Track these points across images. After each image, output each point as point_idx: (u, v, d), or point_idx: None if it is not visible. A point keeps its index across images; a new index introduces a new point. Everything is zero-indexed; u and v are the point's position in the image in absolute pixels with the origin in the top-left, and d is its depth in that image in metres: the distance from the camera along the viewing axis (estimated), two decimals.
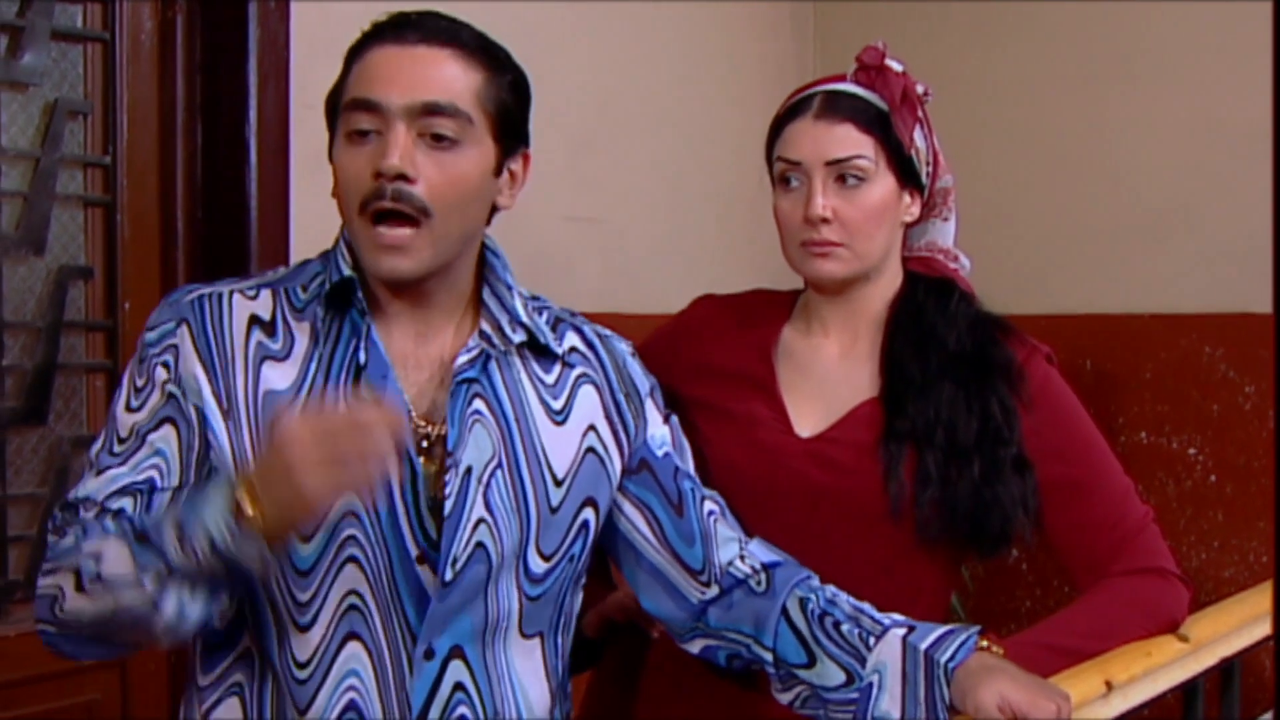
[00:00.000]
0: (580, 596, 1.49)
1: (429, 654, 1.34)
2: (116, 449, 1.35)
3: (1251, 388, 2.63)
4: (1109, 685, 1.44)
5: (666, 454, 1.50)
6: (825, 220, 1.59)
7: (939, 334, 1.63)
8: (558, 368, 1.45)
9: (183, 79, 2.20)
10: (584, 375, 1.47)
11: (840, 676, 1.41)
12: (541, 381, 1.44)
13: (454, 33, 1.35)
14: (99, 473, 1.34)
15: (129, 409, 1.36)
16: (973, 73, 2.92)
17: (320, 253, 1.44)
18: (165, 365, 1.35)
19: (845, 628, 1.42)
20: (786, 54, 3.18)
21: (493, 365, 1.40)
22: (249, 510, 1.19)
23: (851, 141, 1.60)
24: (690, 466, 1.53)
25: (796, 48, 3.20)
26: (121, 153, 2.16)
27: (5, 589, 2.05)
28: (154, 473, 1.34)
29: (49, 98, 2.09)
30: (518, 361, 1.42)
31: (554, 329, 1.47)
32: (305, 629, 1.32)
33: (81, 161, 2.14)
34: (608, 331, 1.54)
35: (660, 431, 1.52)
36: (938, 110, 1.67)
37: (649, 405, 1.52)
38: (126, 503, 1.32)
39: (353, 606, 1.32)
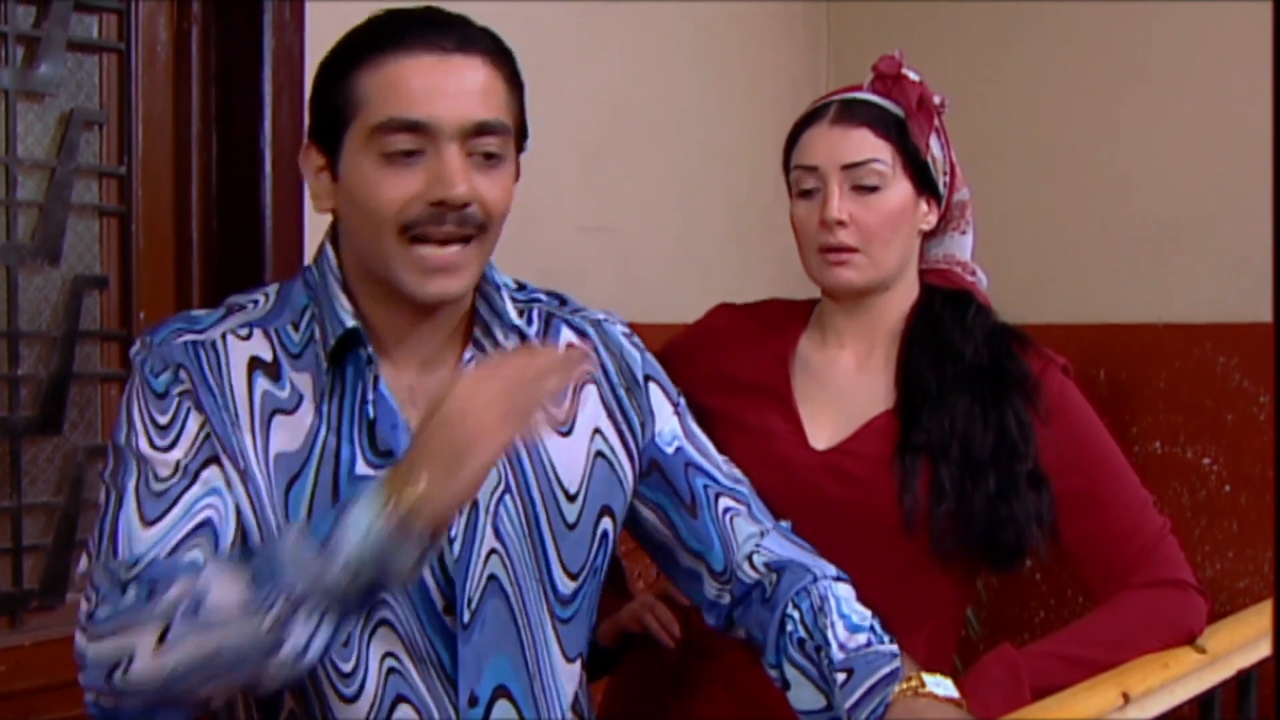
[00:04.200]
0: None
1: (473, 701, 1.28)
2: (160, 486, 1.22)
3: (1266, 397, 2.62)
4: (1126, 697, 1.44)
5: (678, 449, 1.44)
6: (841, 224, 1.59)
7: (955, 346, 1.63)
8: None
9: (198, 89, 2.20)
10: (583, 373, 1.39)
11: (818, 701, 1.37)
12: None
13: (479, 36, 1.26)
14: (148, 524, 1.20)
15: (157, 447, 1.23)
16: (985, 80, 2.92)
17: (299, 278, 1.34)
18: (194, 404, 1.24)
19: (822, 653, 1.37)
20: (800, 63, 3.18)
21: None
22: (405, 494, 1.09)
23: (868, 146, 1.60)
24: (707, 458, 1.46)
25: (810, 57, 3.21)
26: (137, 163, 2.17)
27: (21, 598, 2.05)
28: (212, 513, 1.22)
29: (65, 108, 2.10)
30: None
31: (547, 327, 1.40)
32: (351, 700, 1.26)
33: (97, 171, 2.14)
34: (601, 315, 1.46)
35: (670, 425, 1.44)
36: (950, 116, 1.67)
37: (654, 394, 1.44)
38: (196, 554, 1.20)
39: (392, 669, 1.26)
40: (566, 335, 1.41)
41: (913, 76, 1.64)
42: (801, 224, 1.64)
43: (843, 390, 1.66)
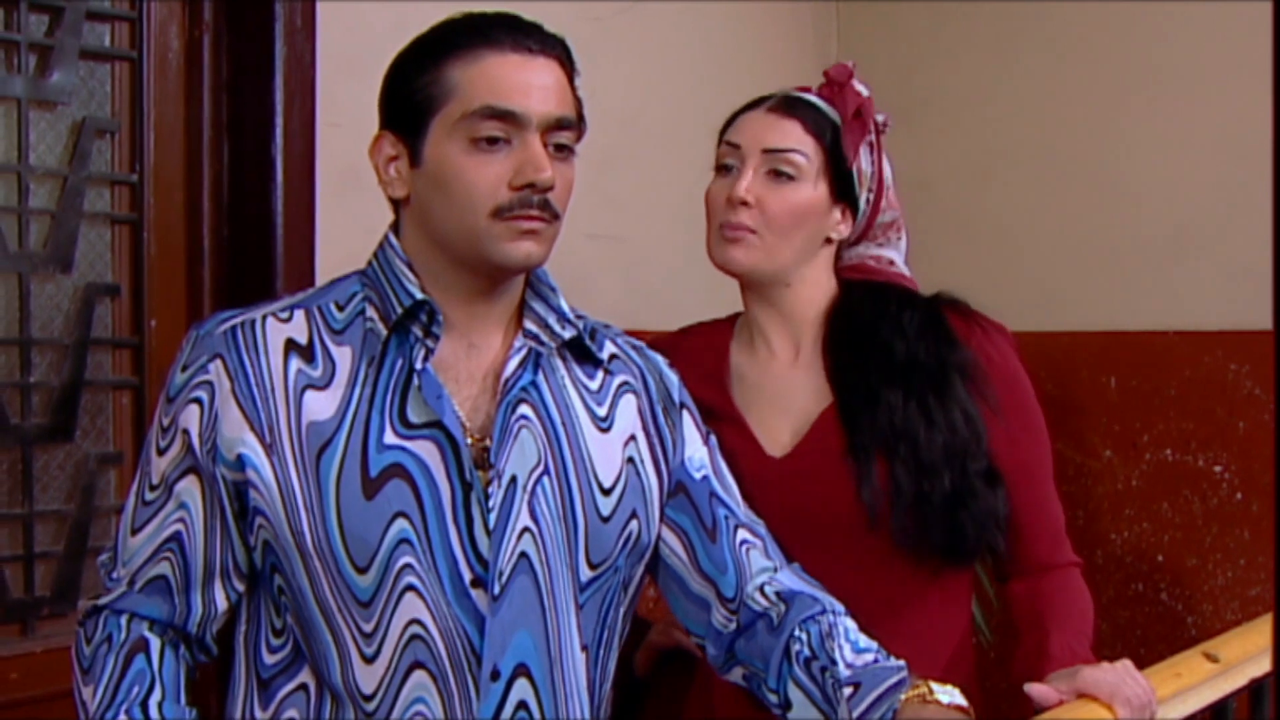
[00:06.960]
0: (628, 619, 1.46)
1: (495, 675, 1.31)
2: (149, 496, 1.35)
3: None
4: None
5: (704, 477, 1.48)
6: (745, 204, 1.61)
7: (880, 340, 1.63)
8: (600, 374, 1.44)
9: (209, 97, 2.21)
10: (625, 384, 1.46)
11: None
12: (586, 387, 1.42)
13: (555, 41, 1.37)
14: (134, 530, 1.36)
15: (159, 451, 1.35)
16: (994, 82, 2.91)
17: (358, 271, 1.41)
18: (198, 403, 1.32)
19: (828, 674, 1.38)
20: (810, 70, 3.17)
21: (539, 370, 1.39)
22: None
23: (794, 136, 1.63)
24: (729, 492, 1.51)
25: (820, 64, 3.18)
26: (148, 171, 2.18)
27: (32, 605, 2.06)
28: (180, 526, 1.34)
29: (77, 116, 2.11)
30: (561, 366, 1.41)
31: (592, 338, 1.45)
32: (370, 660, 1.30)
33: (109, 179, 2.15)
34: (641, 343, 1.53)
35: (699, 453, 1.50)
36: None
37: (686, 421, 1.50)
38: (164, 567, 1.35)
39: (415, 636, 1.30)
40: (610, 348, 1.47)
41: (861, 89, 1.66)
42: (712, 199, 1.68)
43: (780, 393, 1.67)
